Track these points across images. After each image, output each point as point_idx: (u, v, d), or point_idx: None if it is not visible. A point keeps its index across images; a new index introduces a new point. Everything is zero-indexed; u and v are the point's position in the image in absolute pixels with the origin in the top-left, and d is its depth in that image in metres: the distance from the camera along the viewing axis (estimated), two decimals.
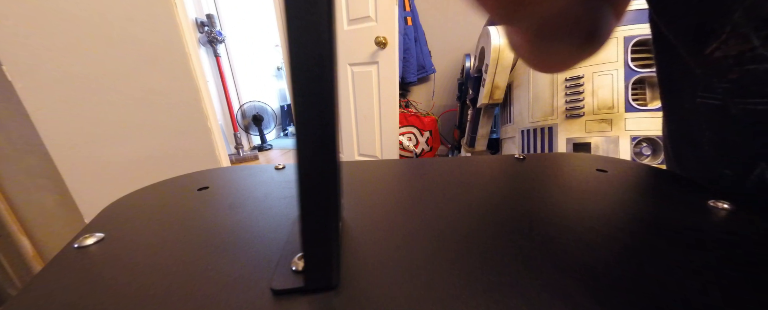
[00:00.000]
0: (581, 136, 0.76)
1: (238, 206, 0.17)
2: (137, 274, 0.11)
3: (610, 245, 0.12)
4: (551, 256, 0.11)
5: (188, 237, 0.14)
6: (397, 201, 0.16)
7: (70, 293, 0.10)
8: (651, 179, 0.18)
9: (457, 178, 0.20)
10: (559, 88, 0.79)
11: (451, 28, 1.63)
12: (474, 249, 0.12)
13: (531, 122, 0.87)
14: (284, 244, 0.13)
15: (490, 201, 0.16)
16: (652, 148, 0.71)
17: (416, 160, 0.24)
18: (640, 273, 0.10)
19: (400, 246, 0.12)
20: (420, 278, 0.10)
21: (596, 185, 0.17)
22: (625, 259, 0.11)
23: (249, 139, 2.30)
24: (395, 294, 0.09)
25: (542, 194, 0.17)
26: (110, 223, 0.15)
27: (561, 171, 0.20)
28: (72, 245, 0.13)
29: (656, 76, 0.21)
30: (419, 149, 1.58)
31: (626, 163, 0.20)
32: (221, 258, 0.12)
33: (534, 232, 0.13)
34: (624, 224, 0.13)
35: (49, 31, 0.55)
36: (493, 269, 0.11)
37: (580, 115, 0.76)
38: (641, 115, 0.70)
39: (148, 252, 0.13)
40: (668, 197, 0.16)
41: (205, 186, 0.20)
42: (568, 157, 0.23)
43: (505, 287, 0.10)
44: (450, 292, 0.10)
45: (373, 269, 0.11)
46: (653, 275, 0.10)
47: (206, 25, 1.91)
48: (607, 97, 0.72)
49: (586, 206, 0.15)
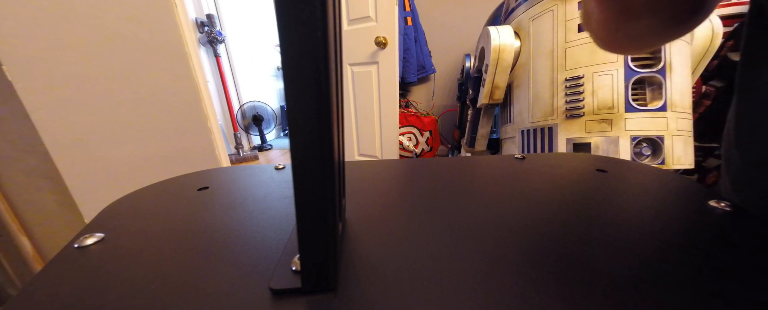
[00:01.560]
0: (581, 136, 0.76)
1: (238, 205, 0.17)
2: (137, 274, 0.11)
3: (611, 244, 0.12)
4: (552, 257, 0.11)
5: (188, 237, 0.14)
6: (399, 202, 0.16)
7: (71, 293, 0.10)
8: (651, 179, 0.18)
9: (458, 178, 0.20)
10: (559, 88, 0.79)
11: (451, 28, 1.63)
12: (475, 251, 0.12)
13: (531, 122, 0.87)
14: (285, 244, 0.13)
15: (491, 202, 0.16)
16: (652, 148, 0.71)
17: (417, 160, 0.24)
18: (642, 273, 0.10)
19: (402, 247, 0.12)
20: (420, 281, 0.10)
21: (596, 185, 0.17)
22: (627, 259, 0.11)
23: (249, 139, 2.30)
24: (395, 297, 0.09)
25: (543, 194, 0.17)
26: (110, 223, 0.15)
27: (561, 171, 0.20)
28: (72, 244, 0.13)
29: (740, 59, 0.18)
30: (419, 149, 1.58)
31: (626, 163, 0.20)
32: (222, 258, 0.12)
33: (535, 232, 0.13)
34: (624, 224, 0.13)
35: (48, 31, 0.55)
36: (495, 271, 0.11)
37: (580, 115, 0.76)
38: (641, 115, 0.70)
39: (148, 252, 0.13)
40: (668, 197, 0.16)
41: (205, 186, 0.20)
42: (568, 157, 0.23)
43: (507, 289, 0.10)
44: (450, 295, 0.10)
45: (373, 271, 0.11)
46: (655, 275, 0.10)
47: (206, 25, 1.91)
48: (607, 97, 0.72)
49: (587, 207, 0.15)
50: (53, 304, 0.10)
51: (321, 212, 0.08)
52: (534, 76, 0.87)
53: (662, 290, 0.09)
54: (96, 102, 0.62)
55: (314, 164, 0.08)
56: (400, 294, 0.10)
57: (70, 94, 0.59)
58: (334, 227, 0.09)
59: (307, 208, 0.08)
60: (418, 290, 0.10)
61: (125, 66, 0.65)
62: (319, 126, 0.08)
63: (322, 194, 0.08)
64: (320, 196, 0.08)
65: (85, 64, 0.60)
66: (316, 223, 0.08)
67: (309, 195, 0.08)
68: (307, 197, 0.08)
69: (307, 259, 0.09)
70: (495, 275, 0.10)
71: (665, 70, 0.70)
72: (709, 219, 0.13)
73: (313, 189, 0.08)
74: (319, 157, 0.08)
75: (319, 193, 0.08)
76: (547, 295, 0.09)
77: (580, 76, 0.76)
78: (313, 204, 0.08)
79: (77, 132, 0.60)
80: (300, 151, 0.08)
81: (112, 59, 0.63)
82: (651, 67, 0.70)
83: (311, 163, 0.08)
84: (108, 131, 0.64)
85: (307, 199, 0.08)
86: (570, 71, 0.77)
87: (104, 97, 0.63)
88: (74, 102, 0.59)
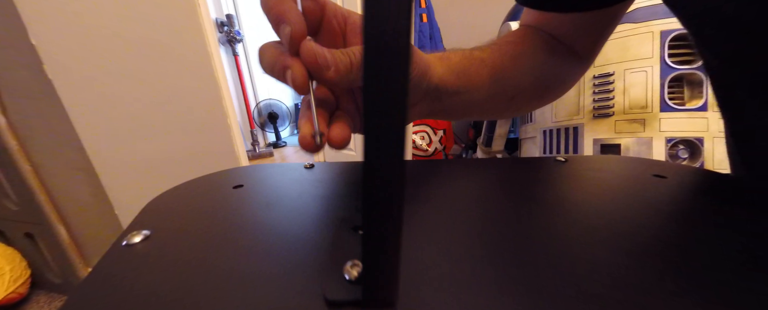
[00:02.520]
0: (610, 136, 0.72)
1: (274, 204, 0.17)
2: (187, 273, 0.11)
3: (685, 265, 0.10)
4: (625, 278, 0.10)
5: (231, 235, 0.14)
6: (441, 206, 0.16)
7: (123, 291, 0.10)
8: (720, 186, 0.16)
9: (499, 182, 0.19)
10: (587, 85, 0.75)
11: (468, 26, 1.59)
12: (541, 262, 0.11)
13: (554, 122, 0.84)
14: (330, 247, 0.12)
15: (540, 209, 0.15)
16: (690, 150, 0.67)
17: (449, 161, 0.24)
18: (722, 295, 0.09)
19: (454, 255, 0.11)
20: (483, 292, 0.09)
21: (656, 194, 0.16)
22: (705, 284, 0.10)
23: (264, 136, 2.35)
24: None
25: (597, 203, 0.15)
26: (154, 220, 0.16)
27: (611, 176, 0.19)
28: (120, 242, 0.13)
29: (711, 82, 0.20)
30: (432, 148, 1.56)
31: (686, 168, 0.19)
32: (268, 259, 0.12)
33: (596, 250, 0.12)
34: (694, 238, 0.12)
35: (83, 33, 0.58)
36: (569, 286, 0.10)
37: (610, 114, 0.72)
38: (678, 115, 0.65)
39: (195, 251, 0.13)
40: (743, 208, 0.14)
41: (240, 184, 0.20)
42: (615, 160, 0.21)
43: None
44: (518, 305, 0.09)
45: (429, 282, 0.10)
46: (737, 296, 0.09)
47: (225, 25, 1.96)
48: (640, 96, 0.68)
49: (651, 219, 0.14)
50: (110, 305, 0.10)
51: (392, 221, 0.08)
52: None
53: None
54: (126, 101, 0.65)
55: (389, 166, 0.07)
56: (466, 307, 0.09)
57: (103, 92, 0.62)
58: (400, 237, 0.08)
59: (376, 215, 0.08)
60: (481, 303, 0.09)
61: (152, 67, 0.67)
62: (396, 119, 0.07)
63: (394, 200, 0.07)
64: (392, 203, 0.07)
65: (116, 64, 0.62)
66: (386, 233, 0.08)
67: (380, 202, 0.07)
68: (378, 203, 0.07)
69: (372, 270, 0.08)
70: (573, 289, 0.09)
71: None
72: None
73: (386, 195, 0.07)
74: (394, 158, 0.07)
75: (391, 199, 0.07)
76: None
77: (610, 74, 0.71)
78: (384, 211, 0.08)
79: (109, 128, 0.63)
80: (373, 151, 0.07)
81: (141, 60, 0.65)
82: (691, 63, 0.65)
83: (386, 165, 0.07)
84: (136, 128, 0.67)
85: (378, 205, 0.08)
86: (599, 68, 0.73)
87: (134, 96, 0.66)
88: (106, 100, 0.62)
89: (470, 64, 0.22)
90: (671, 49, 0.66)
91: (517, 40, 0.26)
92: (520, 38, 0.26)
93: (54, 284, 0.81)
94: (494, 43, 0.25)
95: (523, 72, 0.24)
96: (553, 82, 0.28)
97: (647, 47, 0.67)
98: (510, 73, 0.24)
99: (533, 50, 0.25)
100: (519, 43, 0.25)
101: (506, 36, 0.27)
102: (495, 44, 0.25)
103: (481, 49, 0.24)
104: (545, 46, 0.26)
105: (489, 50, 0.24)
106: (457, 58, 0.21)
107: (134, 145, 0.68)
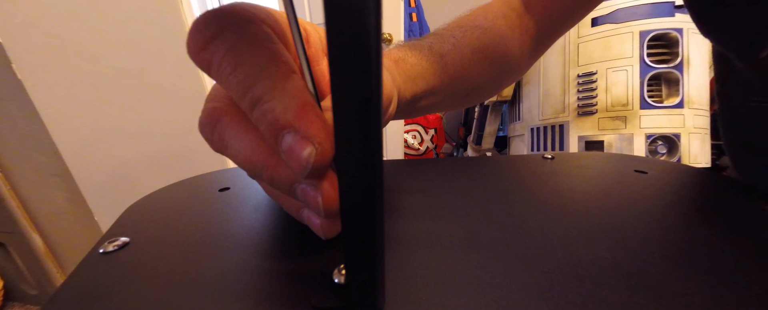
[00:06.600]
0: (594, 134, 0.74)
1: (262, 208, 0.16)
2: (167, 284, 0.11)
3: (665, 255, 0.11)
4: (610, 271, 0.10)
5: (216, 242, 0.13)
6: (428, 206, 0.16)
7: (97, 303, 0.10)
8: (697, 181, 0.17)
9: (488, 180, 0.19)
10: (571, 84, 0.78)
11: None
12: (533, 264, 0.11)
13: (541, 120, 0.86)
14: (319, 253, 0.12)
15: (530, 207, 0.15)
16: (668, 146, 0.70)
17: (440, 159, 0.24)
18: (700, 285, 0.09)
19: (443, 258, 0.11)
20: (472, 295, 0.09)
21: (639, 189, 0.16)
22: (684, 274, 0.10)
23: None
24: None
25: (582, 199, 0.16)
26: (133, 226, 0.15)
27: (596, 172, 0.19)
28: (97, 250, 0.13)
29: (714, 84, 0.20)
30: (424, 147, 1.57)
31: (667, 164, 0.19)
32: (254, 266, 0.11)
33: (581, 245, 0.12)
34: (675, 230, 0.12)
35: (56, 30, 0.54)
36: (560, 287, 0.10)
37: (593, 112, 0.74)
38: (657, 112, 0.68)
39: (177, 259, 0.12)
40: (721, 201, 0.15)
41: (226, 187, 0.19)
42: (601, 157, 0.22)
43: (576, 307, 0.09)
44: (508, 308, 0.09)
45: (418, 286, 0.10)
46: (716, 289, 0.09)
47: None
48: (621, 94, 0.71)
49: (633, 211, 0.14)
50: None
51: (370, 224, 0.07)
52: (545, 72, 0.85)
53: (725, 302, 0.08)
54: (104, 100, 0.62)
55: (363, 167, 0.07)
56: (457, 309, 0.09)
57: (78, 93, 0.59)
58: (383, 241, 0.08)
59: (353, 219, 0.07)
60: (471, 304, 0.09)
61: (131, 64, 0.64)
62: (368, 121, 0.06)
63: (371, 203, 0.07)
64: (369, 206, 0.07)
65: (92, 62, 0.59)
66: (365, 237, 0.07)
67: (356, 206, 0.07)
68: (354, 207, 0.07)
69: (355, 276, 0.08)
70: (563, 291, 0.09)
71: (683, 66, 0.68)
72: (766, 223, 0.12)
73: (362, 197, 0.07)
74: (368, 159, 0.07)
75: (368, 202, 0.07)
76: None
77: (593, 72, 0.74)
78: (362, 215, 0.07)
79: (86, 130, 0.60)
80: (345, 153, 0.07)
81: (119, 58, 0.63)
82: (668, 62, 0.68)
83: (359, 166, 0.07)
84: (116, 129, 0.64)
85: (355, 209, 0.07)
86: (582, 67, 0.76)
87: (112, 96, 0.63)
88: (82, 100, 0.59)
89: (429, 66, 0.20)
90: (650, 48, 0.69)
91: (485, 24, 0.24)
92: (489, 21, 0.24)
93: (29, 296, 0.76)
94: (461, 25, 0.24)
95: (483, 69, 0.23)
96: (508, 77, 0.27)
97: (628, 47, 0.69)
98: (468, 72, 0.23)
99: (499, 40, 0.23)
100: (487, 29, 0.23)
101: (477, 12, 0.25)
102: (461, 28, 0.23)
103: (442, 39, 0.22)
104: (510, 32, 0.24)
105: (452, 42, 0.22)
106: (414, 59, 0.20)
107: (113, 147, 0.65)
